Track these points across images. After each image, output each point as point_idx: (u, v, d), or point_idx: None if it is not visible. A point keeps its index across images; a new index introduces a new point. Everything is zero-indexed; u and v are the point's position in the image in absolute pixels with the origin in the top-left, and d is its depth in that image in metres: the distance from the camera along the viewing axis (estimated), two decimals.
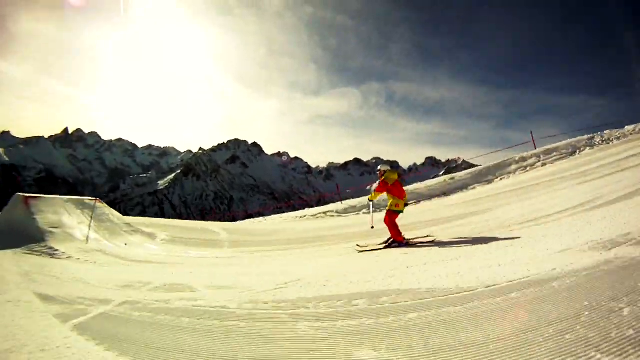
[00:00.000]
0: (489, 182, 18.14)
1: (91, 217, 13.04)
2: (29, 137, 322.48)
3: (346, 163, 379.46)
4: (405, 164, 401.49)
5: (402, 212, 8.00)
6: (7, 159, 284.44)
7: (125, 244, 11.85)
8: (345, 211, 18.58)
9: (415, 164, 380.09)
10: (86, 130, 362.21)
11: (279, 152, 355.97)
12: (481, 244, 6.14)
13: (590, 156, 16.21)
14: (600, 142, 18.57)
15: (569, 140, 19.59)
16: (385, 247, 7.72)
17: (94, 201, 14.49)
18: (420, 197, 18.52)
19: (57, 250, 9.64)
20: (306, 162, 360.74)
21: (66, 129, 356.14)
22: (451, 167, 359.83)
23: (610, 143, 17.95)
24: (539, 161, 18.41)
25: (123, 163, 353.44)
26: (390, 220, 7.84)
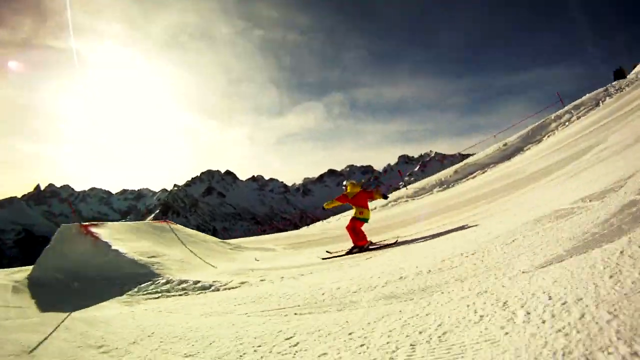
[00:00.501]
0: (538, 141, 19.43)
1: (180, 240, 11.00)
2: (1, 200, 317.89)
3: (321, 176, 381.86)
4: (379, 165, 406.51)
5: (366, 220, 8.51)
6: None
7: (256, 259, 10.14)
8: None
9: (389, 164, 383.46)
10: (58, 185, 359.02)
11: (253, 176, 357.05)
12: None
13: (618, 101, 17.85)
14: (614, 91, 20.37)
15: (588, 95, 21.35)
16: (348, 254, 8.21)
17: (166, 223, 12.55)
18: (483, 166, 20.24)
19: (200, 282, 6.76)
20: (282, 182, 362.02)
21: (38, 186, 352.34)
22: (425, 160, 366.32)
23: (624, 90, 19.64)
24: (573, 116, 19.96)
25: (100, 212, 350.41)
26: (353, 226, 8.36)
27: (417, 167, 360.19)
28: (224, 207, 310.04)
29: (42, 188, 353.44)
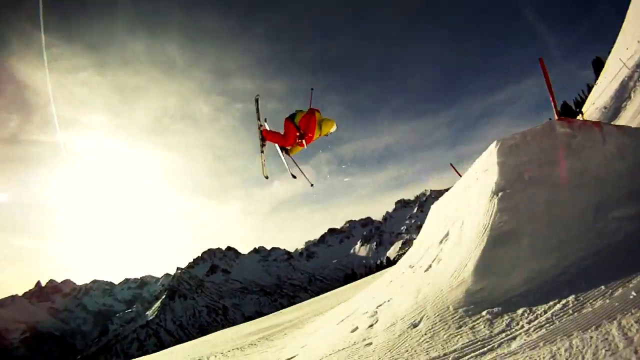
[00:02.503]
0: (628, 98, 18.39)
1: None
2: (3, 298, 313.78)
3: (322, 236, 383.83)
4: (378, 215, 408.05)
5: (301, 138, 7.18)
6: None
7: None
8: None
9: (387, 212, 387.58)
10: (59, 279, 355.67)
11: (255, 248, 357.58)
12: None
13: None
14: None
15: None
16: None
17: None
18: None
19: None
20: (284, 249, 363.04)
21: (38, 283, 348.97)
22: (422, 200, 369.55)
23: None
24: None
25: (105, 303, 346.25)
26: (288, 127, 7.15)
27: (416, 209, 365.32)
28: (230, 283, 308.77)
29: (43, 284, 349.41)
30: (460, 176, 16.53)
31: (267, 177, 7.84)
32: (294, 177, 7.63)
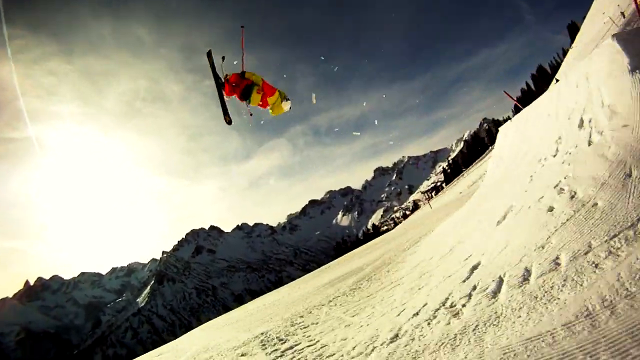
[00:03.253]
0: None
1: None
2: None
3: (304, 209, 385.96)
4: (358, 184, 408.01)
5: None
6: None
7: None
8: None
9: (367, 180, 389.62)
10: (46, 277, 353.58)
11: (238, 225, 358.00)
12: None
13: None
14: None
15: None
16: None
17: None
18: None
19: None
20: (267, 224, 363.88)
21: (27, 282, 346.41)
22: (399, 167, 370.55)
23: None
24: None
25: (95, 295, 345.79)
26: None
27: (395, 176, 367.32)
28: (216, 263, 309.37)
29: (32, 283, 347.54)
30: (516, 102, 17.62)
31: (229, 123, 7.47)
32: (229, 122, 7.40)
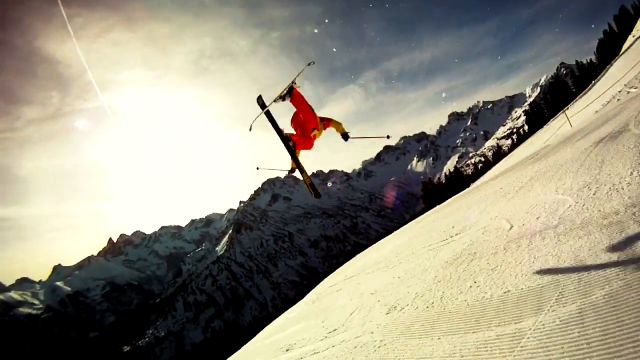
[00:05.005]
0: None
1: None
2: (80, 261, 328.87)
3: (378, 154, 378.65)
4: (432, 130, 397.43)
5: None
6: (68, 288, 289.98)
7: None
8: None
9: (441, 126, 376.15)
10: (129, 233, 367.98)
11: (313, 172, 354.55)
12: None
13: None
14: None
15: None
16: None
17: None
18: None
19: None
20: (342, 171, 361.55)
21: (110, 239, 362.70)
22: (474, 112, 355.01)
23: None
24: None
25: (175, 247, 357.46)
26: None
27: (470, 121, 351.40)
28: (292, 210, 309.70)
29: (115, 240, 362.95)
30: None
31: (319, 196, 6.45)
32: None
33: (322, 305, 10.00)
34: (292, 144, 6.04)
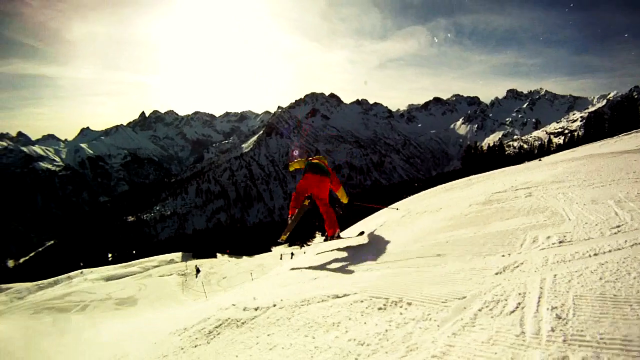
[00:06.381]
0: None
1: None
2: (109, 128, 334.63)
3: (426, 103, 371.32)
4: (486, 98, 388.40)
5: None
6: (91, 151, 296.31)
7: None
8: None
9: (497, 98, 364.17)
10: (162, 111, 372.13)
11: (358, 99, 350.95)
12: None
13: None
14: None
15: None
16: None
17: None
18: None
19: None
20: (386, 107, 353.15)
21: (143, 113, 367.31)
22: (534, 98, 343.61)
23: None
24: None
25: (204, 134, 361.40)
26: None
27: (526, 104, 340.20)
28: (327, 129, 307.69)
29: (147, 115, 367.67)
30: None
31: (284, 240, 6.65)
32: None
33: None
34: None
